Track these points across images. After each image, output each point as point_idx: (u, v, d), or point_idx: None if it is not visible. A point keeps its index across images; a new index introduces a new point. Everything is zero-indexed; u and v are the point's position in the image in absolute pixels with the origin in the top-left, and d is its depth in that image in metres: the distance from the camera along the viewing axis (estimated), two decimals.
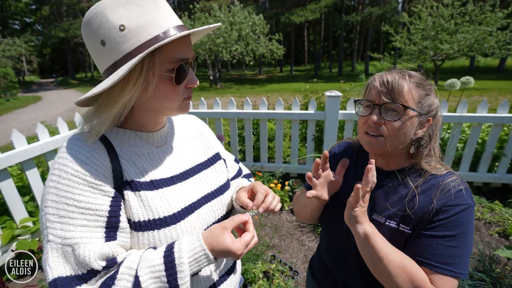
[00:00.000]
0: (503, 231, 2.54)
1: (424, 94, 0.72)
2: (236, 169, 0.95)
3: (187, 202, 0.66)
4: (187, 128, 0.81)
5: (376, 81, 0.73)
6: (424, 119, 0.73)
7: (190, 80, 0.62)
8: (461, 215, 0.67)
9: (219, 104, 3.26)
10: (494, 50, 13.10)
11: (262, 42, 17.80)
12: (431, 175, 0.74)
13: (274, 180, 3.16)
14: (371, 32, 30.60)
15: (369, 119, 0.73)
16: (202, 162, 0.77)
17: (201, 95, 11.97)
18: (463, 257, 0.67)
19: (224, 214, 0.76)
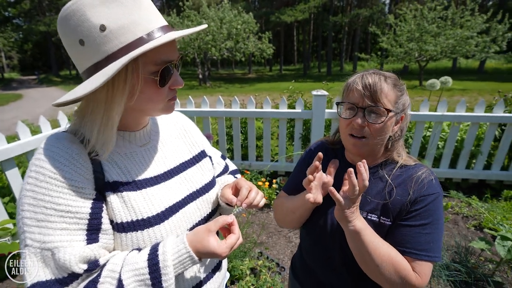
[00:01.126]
0: (479, 224, 2.66)
1: (399, 95, 0.76)
2: (223, 165, 0.95)
3: (172, 202, 0.66)
4: (171, 126, 0.80)
5: (358, 84, 0.75)
6: (398, 117, 0.78)
7: (174, 81, 0.61)
8: (433, 203, 0.73)
9: (207, 103, 3.25)
10: (475, 52, 13.66)
11: (252, 40, 17.79)
12: (403, 166, 0.79)
13: (262, 178, 3.19)
14: (359, 33, 31.13)
15: (353, 122, 0.75)
16: (187, 160, 0.76)
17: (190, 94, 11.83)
18: (437, 241, 0.73)
19: (210, 212, 0.76)
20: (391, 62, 15.64)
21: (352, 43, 36.00)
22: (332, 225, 0.85)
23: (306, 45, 33.67)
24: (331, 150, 0.94)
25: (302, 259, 1.02)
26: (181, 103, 3.38)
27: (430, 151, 3.11)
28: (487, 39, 13.23)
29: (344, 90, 0.81)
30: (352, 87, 0.77)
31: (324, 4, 27.47)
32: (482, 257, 2.24)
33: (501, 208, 2.77)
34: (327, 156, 0.94)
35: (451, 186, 3.25)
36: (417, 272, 0.71)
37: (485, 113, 2.93)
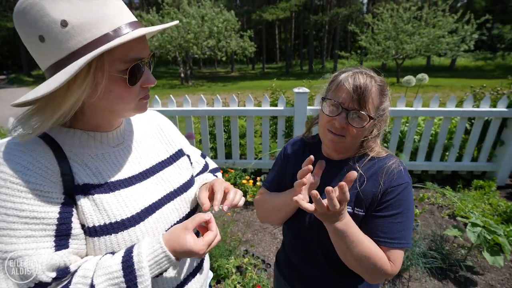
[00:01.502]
0: (452, 213, 2.82)
1: (383, 101, 0.77)
2: (202, 164, 0.93)
3: (148, 203, 0.64)
4: (146, 125, 0.78)
5: (349, 84, 0.73)
6: (377, 120, 0.79)
7: (146, 79, 0.59)
8: (403, 193, 0.76)
9: (189, 102, 3.20)
10: (446, 51, 14.40)
11: (234, 39, 17.68)
12: (374, 158, 0.81)
13: (246, 176, 3.19)
14: (339, 32, 31.79)
15: (335, 121, 0.75)
16: (164, 160, 0.74)
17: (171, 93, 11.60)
18: (408, 228, 0.76)
19: (189, 211, 0.75)
20: (370, 60, 16.14)
21: (332, 41, 36.71)
22: (310, 218, 0.86)
23: (288, 44, 33.94)
24: (308, 145, 0.96)
25: (285, 253, 1.03)
26: (162, 102, 3.30)
27: (407, 145, 3.24)
28: (457, 39, 13.98)
29: (332, 85, 0.80)
30: (341, 85, 0.75)
31: (305, 2, 27.81)
32: (455, 244, 2.37)
33: (471, 197, 2.94)
34: (304, 151, 0.95)
35: (427, 178, 3.41)
36: (392, 261, 0.74)
37: (456, 107, 3.10)
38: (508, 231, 2.33)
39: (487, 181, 3.18)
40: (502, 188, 3.28)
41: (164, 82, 19.10)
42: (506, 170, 3.25)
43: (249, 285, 1.69)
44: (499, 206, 2.75)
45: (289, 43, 34.78)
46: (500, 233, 1.92)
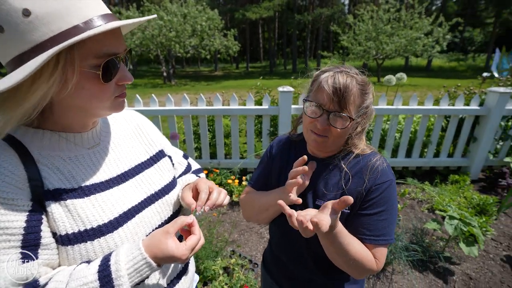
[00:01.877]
0: (431, 207, 2.93)
1: (364, 100, 0.77)
2: (185, 165, 0.90)
3: (126, 207, 0.61)
4: (125, 125, 0.74)
5: (329, 86, 0.72)
6: (359, 119, 0.79)
7: (122, 76, 0.55)
8: (388, 191, 0.77)
9: (172, 101, 3.12)
10: (422, 52, 15.04)
11: (217, 37, 17.50)
12: (359, 156, 0.82)
13: (232, 176, 3.16)
14: (321, 32, 32.32)
15: (317, 123, 0.75)
16: (143, 161, 0.71)
17: (154, 92, 11.31)
18: (392, 224, 0.78)
19: (171, 214, 0.72)
20: (351, 60, 16.54)
21: (315, 41, 37.28)
22: None
23: (271, 43, 34.10)
24: (294, 143, 0.96)
25: (272, 252, 1.03)
26: (144, 101, 3.21)
27: (389, 142, 3.34)
28: (432, 40, 14.64)
29: (314, 86, 0.79)
30: (322, 87, 0.74)
31: (288, 2, 28.03)
32: (434, 236, 2.47)
33: (448, 191, 3.08)
34: (289, 149, 0.95)
35: (407, 174, 3.53)
36: (377, 258, 0.76)
37: (434, 106, 3.23)
38: (481, 223, 2.46)
39: (462, 175, 3.34)
40: (475, 182, 3.47)
41: (146, 81, 18.60)
42: (478, 165, 3.43)
43: (237, 286, 1.67)
44: (473, 199, 2.90)
45: (273, 42, 34.96)
46: (475, 224, 2.02)
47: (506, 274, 2.16)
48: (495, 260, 2.30)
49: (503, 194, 3.18)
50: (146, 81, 19.07)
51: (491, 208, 2.78)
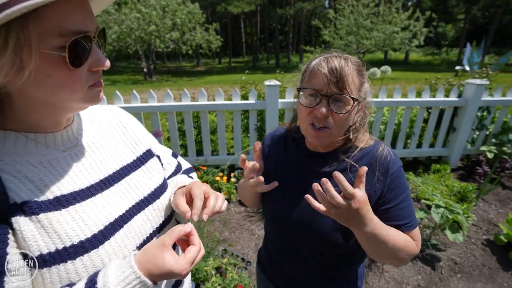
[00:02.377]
0: (416, 197, 3.02)
1: (362, 82, 0.72)
2: (175, 164, 0.83)
3: (113, 216, 0.53)
4: (106, 122, 0.65)
5: (324, 68, 0.67)
6: (360, 106, 0.75)
7: (95, 60, 0.46)
8: (402, 177, 0.76)
9: (154, 98, 2.99)
10: (400, 46, 15.50)
11: (199, 32, 17.09)
12: (363, 148, 0.78)
13: (220, 173, 3.10)
14: (303, 26, 32.49)
15: (316, 111, 0.69)
16: (129, 163, 0.63)
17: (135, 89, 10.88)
18: (413, 206, 0.77)
19: (163, 220, 0.65)
20: None
21: (297, 35, 37.40)
22: (297, 215, 0.81)
23: (254, 37, 33.87)
24: (291, 138, 0.90)
25: (268, 251, 0.99)
26: (125, 98, 3.05)
27: (374, 134, 3.39)
28: (409, 34, 15.11)
29: (306, 74, 0.74)
30: (316, 71, 0.69)
31: None
32: (421, 225, 2.54)
33: (431, 180, 3.18)
34: (286, 145, 0.90)
35: None
36: (416, 240, 0.75)
37: (416, 98, 3.31)
38: (463, 209, 2.55)
39: (442, 164, 3.46)
40: (454, 170, 3.61)
41: (125, 78, 17.91)
42: (457, 154, 3.57)
43: (230, 286, 1.63)
44: (454, 187, 3.02)
45: (255, 37, 34.73)
46: (459, 212, 2.08)
47: (487, 257, 2.27)
48: (477, 245, 2.41)
49: (480, 181, 3.33)
50: (126, 77, 18.36)
51: (470, 195, 2.90)
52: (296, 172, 0.84)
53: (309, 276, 0.87)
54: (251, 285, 1.75)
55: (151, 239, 0.60)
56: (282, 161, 0.88)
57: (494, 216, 2.80)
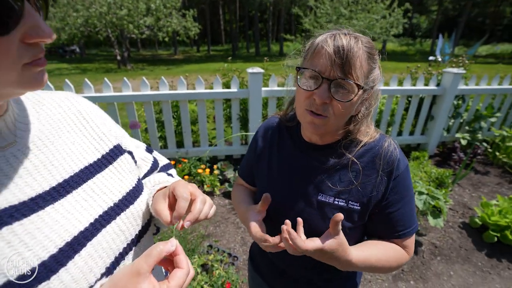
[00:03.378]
0: None
1: (372, 68, 0.63)
2: (150, 161, 0.70)
3: (71, 234, 0.41)
4: (59, 114, 0.51)
5: (329, 46, 0.57)
6: (366, 94, 0.65)
7: (32, 28, 0.33)
8: (407, 178, 0.70)
9: (129, 86, 2.76)
10: (379, 35, 15.78)
11: (175, 17, 16.29)
12: (367, 144, 0.70)
13: (202, 165, 2.97)
14: (283, 14, 32.09)
15: (315, 96, 0.60)
16: (93, 163, 0.50)
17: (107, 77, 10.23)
18: (415, 209, 0.73)
19: (140, 229, 0.54)
20: None
21: (277, 23, 36.99)
22: (292, 213, 0.73)
23: (233, 25, 33.02)
24: (285, 128, 0.82)
25: (262, 251, 0.91)
26: (96, 88, 2.79)
27: None
28: (387, 23, 15.42)
29: (308, 52, 0.64)
30: (319, 49, 0.59)
31: None
32: None
33: (411, 167, 3.26)
34: (280, 136, 0.81)
35: None
36: (408, 248, 0.72)
37: (398, 86, 3.34)
38: (442, 195, 2.64)
39: (421, 151, 3.57)
40: (431, 157, 3.75)
41: (97, 66, 16.82)
42: (435, 141, 3.70)
43: (218, 284, 1.56)
44: (432, 173, 3.12)
45: (234, 24, 33.87)
46: (440, 197, 2.14)
47: (463, 239, 2.37)
48: (454, 228, 2.51)
49: (455, 166, 3.48)
50: (97, 65, 17.26)
51: (447, 181, 3.01)
52: (290, 166, 0.76)
53: (306, 275, 0.81)
54: (239, 281, 1.69)
55: (126, 255, 0.49)
56: (276, 154, 0.79)
57: (468, 200, 2.94)
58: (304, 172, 0.73)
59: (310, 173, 0.72)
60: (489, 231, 2.30)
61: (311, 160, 0.73)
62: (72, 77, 11.88)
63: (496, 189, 3.14)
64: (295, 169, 0.75)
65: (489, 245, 2.30)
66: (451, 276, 2.03)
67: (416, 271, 2.06)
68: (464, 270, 2.08)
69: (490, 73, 4.11)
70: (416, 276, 2.02)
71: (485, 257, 2.19)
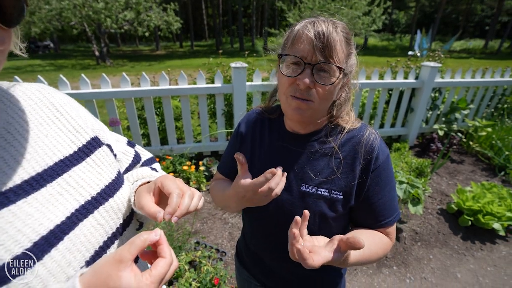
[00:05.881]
0: None
1: (350, 53, 0.64)
2: (131, 154, 0.68)
3: (46, 227, 0.40)
4: (30, 106, 0.48)
5: (309, 31, 0.59)
6: (346, 79, 0.67)
7: None
8: (388, 167, 0.71)
9: (108, 82, 2.66)
10: (362, 30, 16.09)
11: (156, 11, 15.79)
12: (349, 131, 0.71)
13: (187, 162, 2.93)
14: (267, 9, 31.94)
15: (299, 81, 0.61)
16: (68, 156, 0.48)
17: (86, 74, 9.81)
18: (396, 197, 0.74)
19: (121, 223, 0.53)
20: None
21: (261, 18, 36.81)
22: (276, 206, 0.74)
23: (216, 20, 32.50)
24: (268, 119, 0.81)
25: (246, 243, 0.92)
26: (74, 86, 2.67)
27: None
28: (369, 19, 15.75)
29: (288, 39, 0.65)
30: (300, 35, 0.60)
31: None
32: None
33: (393, 158, 3.38)
34: (262, 126, 0.81)
35: None
36: (391, 235, 0.74)
37: (379, 80, 3.43)
38: (422, 183, 2.75)
39: (402, 143, 3.70)
40: (411, 147, 3.89)
41: (73, 62, 16.07)
42: (414, 133, 3.84)
43: (206, 280, 1.55)
44: (412, 163, 3.24)
45: (218, 19, 33.34)
46: (419, 186, 2.23)
47: (441, 225, 2.49)
48: (432, 214, 2.63)
49: (433, 156, 3.63)
50: (74, 62, 16.50)
51: (426, 170, 3.15)
52: (272, 158, 0.76)
53: (290, 268, 0.82)
54: (227, 276, 1.70)
55: (107, 249, 0.48)
56: (258, 146, 0.79)
57: (445, 187, 3.08)
58: (286, 162, 0.73)
59: (292, 163, 0.72)
60: (464, 216, 2.43)
61: (293, 150, 0.73)
62: (46, 74, 11.30)
63: (470, 176, 3.31)
64: (278, 161, 0.75)
65: (464, 229, 2.43)
66: (431, 259, 2.13)
67: (399, 257, 2.14)
68: (442, 253, 2.19)
69: (463, 67, 4.30)
70: (398, 262, 2.10)
71: (461, 240, 2.32)
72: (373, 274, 2.00)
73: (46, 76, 9.80)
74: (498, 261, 2.12)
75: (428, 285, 1.92)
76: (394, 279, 1.97)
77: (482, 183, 2.70)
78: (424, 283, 1.93)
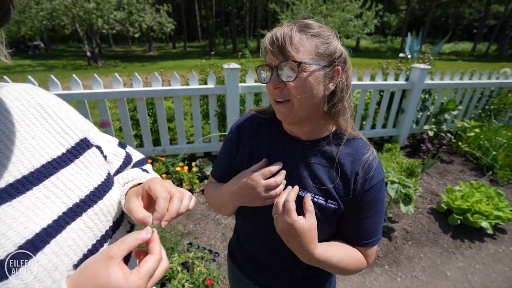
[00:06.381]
0: None
1: (321, 43, 0.63)
2: (122, 156, 0.67)
3: (32, 231, 0.39)
4: (16, 107, 0.47)
5: (266, 39, 0.65)
6: (329, 71, 0.65)
7: None
8: (381, 191, 0.72)
9: (100, 83, 2.63)
10: (353, 33, 16.29)
11: (149, 12, 15.67)
12: (349, 140, 0.72)
13: (180, 163, 2.92)
14: (260, 10, 32.06)
15: (269, 85, 0.66)
16: (56, 158, 0.47)
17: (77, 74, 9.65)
18: (382, 223, 0.76)
19: (112, 225, 0.52)
20: None
21: (254, 20, 36.93)
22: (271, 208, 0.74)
23: (209, 21, 32.44)
24: (264, 121, 0.82)
25: (240, 242, 0.92)
26: (65, 86, 2.63)
27: None
28: (361, 22, 15.96)
29: (264, 52, 0.69)
30: (264, 46, 0.66)
31: None
32: None
33: (384, 159, 3.42)
34: (259, 127, 0.82)
35: None
36: (369, 257, 0.75)
37: (371, 81, 3.47)
38: (413, 183, 2.79)
39: (393, 143, 3.75)
40: (402, 148, 3.96)
41: (64, 63, 15.80)
42: (405, 133, 3.91)
43: (199, 281, 1.55)
44: (403, 163, 3.30)
45: (211, 20, 33.29)
46: (410, 186, 2.27)
47: (431, 224, 2.54)
48: (423, 213, 2.68)
49: (424, 156, 3.70)
50: (65, 62, 16.23)
51: (417, 170, 3.20)
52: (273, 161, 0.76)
53: (282, 265, 0.83)
54: (220, 277, 1.69)
55: (95, 252, 0.47)
56: (256, 147, 0.79)
57: (435, 187, 3.14)
58: (286, 166, 0.73)
59: (291, 168, 0.73)
60: (453, 215, 2.48)
61: (293, 155, 0.74)
62: (37, 74, 11.08)
63: (459, 176, 3.39)
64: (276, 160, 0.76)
65: (454, 228, 2.48)
66: (421, 258, 2.17)
67: (390, 256, 2.17)
68: (432, 252, 2.23)
69: (452, 69, 4.39)
70: (390, 261, 2.13)
71: (450, 238, 2.37)
72: (365, 273, 2.02)
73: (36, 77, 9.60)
74: (486, 259, 2.17)
75: (419, 283, 1.95)
76: (385, 277, 1.99)
77: (471, 182, 2.76)
78: (415, 282, 1.96)
